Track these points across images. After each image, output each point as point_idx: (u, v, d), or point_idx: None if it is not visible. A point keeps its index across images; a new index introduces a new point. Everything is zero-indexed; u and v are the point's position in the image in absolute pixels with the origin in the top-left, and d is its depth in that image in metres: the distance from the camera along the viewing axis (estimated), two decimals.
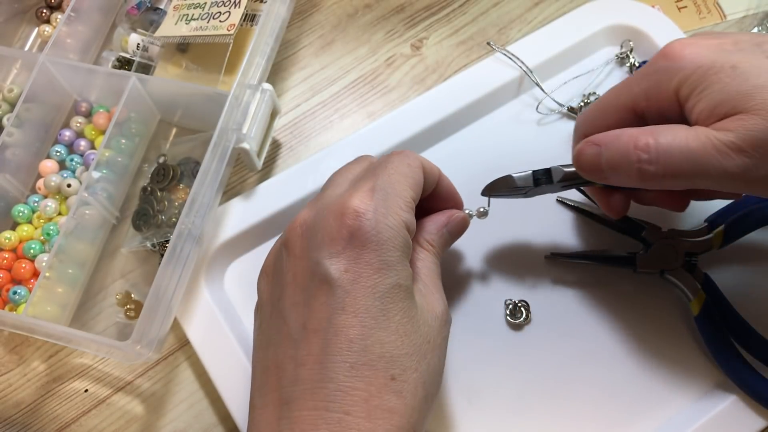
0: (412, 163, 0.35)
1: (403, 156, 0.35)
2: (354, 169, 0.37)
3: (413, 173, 0.35)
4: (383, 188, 0.33)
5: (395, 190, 0.33)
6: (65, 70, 0.47)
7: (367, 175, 0.34)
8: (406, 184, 0.34)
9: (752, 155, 0.30)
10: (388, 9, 0.55)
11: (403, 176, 0.34)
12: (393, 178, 0.34)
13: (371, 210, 0.32)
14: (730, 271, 0.44)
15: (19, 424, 0.43)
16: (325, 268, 0.31)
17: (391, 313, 0.31)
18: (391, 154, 0.36)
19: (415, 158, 0.36)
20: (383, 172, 0.34)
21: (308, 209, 0.35)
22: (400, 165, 0.35)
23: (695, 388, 0.42)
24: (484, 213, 0.40)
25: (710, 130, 0.31)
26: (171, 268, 0.40)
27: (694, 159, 0.31)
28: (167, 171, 0.45)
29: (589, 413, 0.41)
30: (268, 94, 0.45)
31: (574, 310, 0.44)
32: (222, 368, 0.41)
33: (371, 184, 0.33)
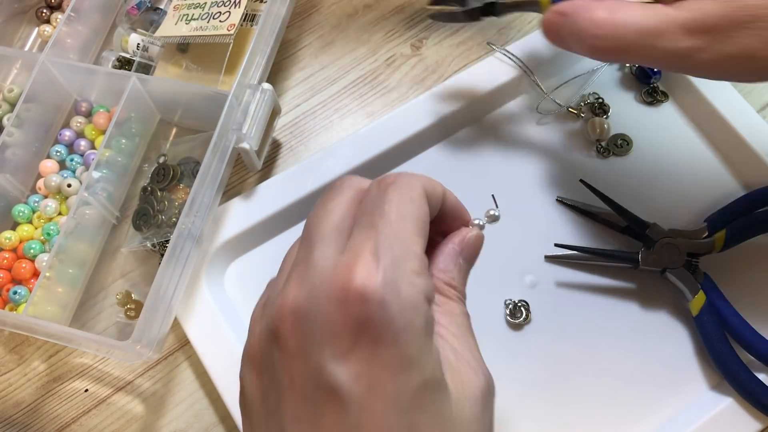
0: (414, 197, 0.27)
1: (403, 188, 0.27)
2: (340, 206, 0.28)
3: (418, 211, 0.27)
4: (389, 248, 0.25)
5: (404, 247, 0.25)
6: (65, 70, 0.47)
7: (363, 225, 0.26)
8: (414, 231, 0.26)
9: (702, 38, 0.31)
10: (388, 9, 0.55)
11: (409, 221, 0.26)
12: (397, 227, 0.26)
13: (380, 288, 0.24)
14: (730, 272, 0.44)
15: (19, 424, 0.43)
16: (331, 376, 0.24)
17: (420, 424, 0.24)
18: (387, 186, 0.27)
19: (417, 186, 0.28)
20: (384, 221, 0.26)
21: (296, 284, 0.26)
22: (402, 204, 0.27)
23: (693, 390, 0.42)
24: (495, 217, 0.36)
25: (670, 8, 0.32)
26: (171, 268, 0.40)
27: (646, 37, 0.32)
28: (167, 171, 0.45)
29: (588, 413, 0.41)
30: (268, 94, 0.45)
31: (574, 310, 0.44)
32: (222, 368, 0.41)
33: (372, 243, 0.25)
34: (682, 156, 0.48)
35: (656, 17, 0.32)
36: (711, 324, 0.40)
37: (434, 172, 0.47)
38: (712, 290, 0.41)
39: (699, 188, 0.47)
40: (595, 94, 0.50)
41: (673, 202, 0.46)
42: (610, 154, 0.48)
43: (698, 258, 0.42)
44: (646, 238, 0.43)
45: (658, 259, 0.42)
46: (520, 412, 0.41)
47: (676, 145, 0.48)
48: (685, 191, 0.47)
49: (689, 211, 0.46)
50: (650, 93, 0.49)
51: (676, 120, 0.49)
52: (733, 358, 0.40)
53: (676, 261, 0.42)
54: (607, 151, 0.48)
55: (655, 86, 0.49)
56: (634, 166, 0.48)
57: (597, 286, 0.44)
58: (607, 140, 0.48)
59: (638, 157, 0.48)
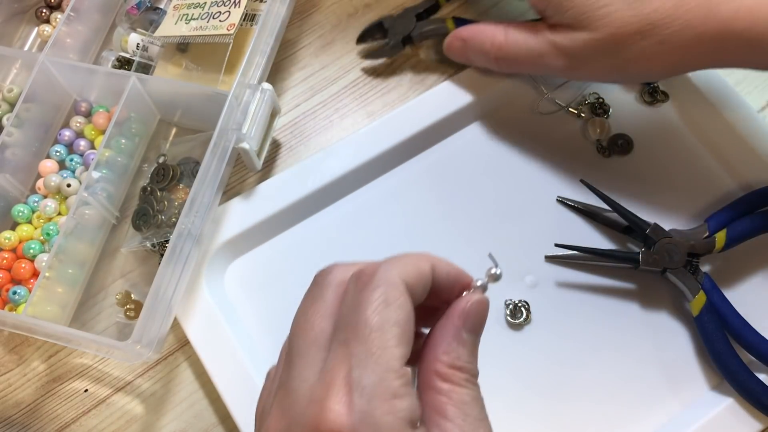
0: (392, 298, 0.25)
1: (380, 289, 0.26)
2: (320, 314, 0.27)
3: (398, 315, 0.25)
4: (364, 372, 0.24)
5: (381, 366, 0.24)
6: (65, 70, 0.47)
7: (338, 341, 0.25)
8: (394, 342, 0.25)
9: (570, 59, 0.41)
10: (388, 9, 0.55)
11: (387, 330, 0.25)
12: (373, 344, 0.24)
13: (354, 425, 0.23)
14: (731, 272, 0.44)
15: (19, 424, 0.43)
16: None
17: None
18: (363, 287, 0.26)
19: (395, 282, 0.26)
20: (358, 337, 0.25)
21: (277, 415, 0.26)
22: (378, 310, 0.25)
23: (693, 390, 0.42)
24: (497, 276, 0.29)
25: (549, 32, 0.42)
26: (171, 268, 0.39)
27: (533, 55, 0.43)
28: (167, 171, 0.45)
29: (588, 413, 0.41)
30: (268, 93, 0.45)
31: (574, 310, 0.44)
32: (222, 368, 0.41)
33: (345, 368, 0.24)
34: (682, 156, 0.48)
35: (539, 42, 0.42)
36: (711, 324, 0.40)
37: (434, 173, 0.48)
38: (713, 290, 0.41)
39: (699, 188, 0.47)
40: (595, 94, 0.50)
41: (673, 202, 0.46)
42: (610, 154, 0.48)
43: (698, 258, 0.42)
44: (646, 238, 0.43)
45: (658, 259, 0.42)
46: (520, 412, 0.41)
47: (676, 145, 0.48)
48: (685, 191, 0.47)
49: (689, 211, 0.46)
50: (650, 93, 0.49)
51: (677, 120, 0.49)
52: (734, 358, 0.40)
53: (677, 261, 0.42)
54: (607, 151, 0.48)
55: (656, 86, 0.49)
56: (634, 166, 0.48)
57: (597, 287, 0.44)
58: (607, 140, 0.48)
59: (638, 157, 0.48)
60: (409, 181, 0.48)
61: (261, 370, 0.42)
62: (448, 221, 0.46)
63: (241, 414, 0.40)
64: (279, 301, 0.45)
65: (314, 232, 0.47)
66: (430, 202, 0.47)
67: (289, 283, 0.45)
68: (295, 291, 0.45)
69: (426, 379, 0.27)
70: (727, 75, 0.48)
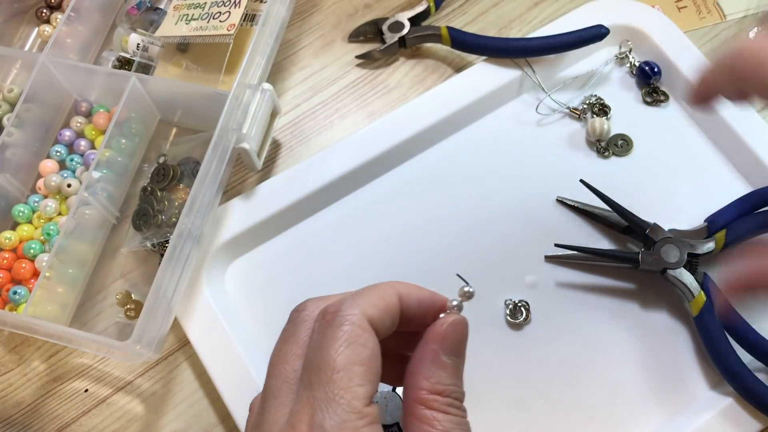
0: (354, 336, 0.25)
1: (342, 328, 0.26)
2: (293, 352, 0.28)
3: (360, 354, 0.25)
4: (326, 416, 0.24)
5: (344, 408, 0.24)
6: (65, 70, 0.47)
7: (303, 384, 0.26)
8: (357, 380, 0.25)
9: None
10: (388, 9, 0.55)
11: (350, 369, 0.25)
12: (335, 386, 0.24)
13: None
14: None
15: (19, 424, 0.43)
16: None
17: None
18: (326, 327, 0.26)
19: (357, 319, 0.26)
20: (321, 380, 0.25)
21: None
22: (340, 351, 0.25)
23: (693, 390, 0.42)
24: (470, 294, 0.29)
25: None
26: (171, 268, 0.40)
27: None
28: (167, 171, 0.45)
29: (588, 413, 0.41)
30: (268, 94, 0.45)
31: (574, 310, 0.44)
32: (222, 368, 0.41)
33: (309, 412, 0.24)
34: (682, 156, 0.48)
35: None
36: (711, 324, 0.40)
37: (434, 173, 0.48)
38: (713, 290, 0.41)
39: (699, 188, 0.47)
40: (595, 95, 0.50)
41: (673, 202, 0.46)
42: (610, 154, 0.48)
43: (698, 258, 0.42)
44: (646, 239, 0.43)
45: (658, 260, 0.42)
46: (520, 411, 0.41)
47: (677, 145, 0.48)
48: (685, 191, 0.47)
49: (689, 211, 0.46)
50: (650, 93, 0.49)
51: (677, 120, 0.49)
52: (734, 358, 0.40)
53: (677, 261, 0.42)
54: (608, 151, 0.48)
55: (656, 86, 0.49)
56: (635, 166, 0.48)
57: (597, 287, 0.44)
58: (607, 140, 0.48)
59: (638, 157, 0.48)
60: (409, 181, 0.48)
61: (261, 370, 0.42)
62: (448, 221, 0.46)
63: (241, 414, 0.40)
64: (279, 301, 0.45)
65: (314, 232, 0.47)
66: (430, 202, 0.47)
67: (289, 283, 0.45)
68: (295, 291, 0.45)
69: (408, 408, 0.26)
70: None
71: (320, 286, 0.45)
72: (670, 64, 0.49)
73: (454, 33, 0.50)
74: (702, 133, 0.48)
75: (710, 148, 0.48)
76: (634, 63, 0.50)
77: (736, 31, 0.53)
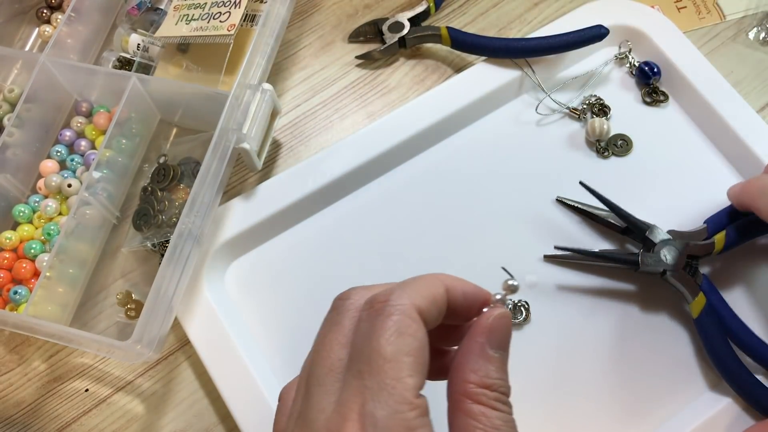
0: (405, 327, 0.25)
1: (392, 318, 0.25)
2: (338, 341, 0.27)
3: (410, 345, 0.25)
4: (377, 406, 0.24)
5: (395, 398, 0.24)
6: (66, 71, 0.47)
7: (352, 373, 0.25)
8: (407, 371, 0.24)
9: None
10: (388, 9, 0.55)
11: (401, 360, 0.24)
12: (386, 375, 0.24)
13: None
14: (729, 274, 0.44)
15: (19, 424, 0.43)
16: None
17: None
18: (376, 316, 0.26)
19: (408, 309, 0.26)
20: (371, 369, 0.24)
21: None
22: (391, 340, 0.25)
23: (691, 391, 0.42)
24: (515, 288, 0.29)
25: None
26: (171, 268, 0.40)
27: None
28: (168, 171, 0.45)
29: (587, 413, 0.41)
30: (268, 94, 0.45)
31: (573, 310, 0.44)
32: (222, 368, 0.41)
33: (359, 401, 0.24)
34: (682, 156, 0.48)
35: None
36: (711, 326, 0.40)
37: (434, 173, 0.48)
38: (711, 292, 0.41)
39: (699, 188, 0.47)
40: (595, 95, 0.50)
41: (673, 203, 0.46)
42: (610, 154, 0.48)
43: (698, 260, 0.42)
44: (645, 240, 0.43)
45: (657, 261, 0.42)
46: (520, 411, 0.41)
47: (676, 145, 0.48)
48: (684, 191, 0.47)
49: (689, 211, 0.46)
50: (650, 93, 0.49)
51: (676, 120, 0.49)
52: (734, 360, 0.40)
53: (676, 263, 0.42)
54: (607, 151, 0.48)
55: (655, 87, 0.49)
56: (634, 166, 0.48)
57: (596, 287, 0.44)
58: (607, 140, 0.48)
59: (638, 157, 0.48)
60: (409, 182, 0.48)
61: (261, 369, 0.42)
62: (449, 221, 0.47)
63: (241, 413, 0.40)
64: (279, 301, 0.45)
65: (314, 232, 0.47)
66: (430, 202, 0.47)
67: (289, 283, 0.45)
68: (295, 291, 0.45)
69: (455, 402, 0.26)
70: (727, 75, 0.48)
71: (320, 285, 0.45)
72: (670, 65, 0.49)
73: (454, 33, 0.50)
74: (701, 133, 0.48)
75: (710, 148, 0.48)
76: (634, 63, 0.50)
77: (736, 31, 0.53)
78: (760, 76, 0.51)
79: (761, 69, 0.51)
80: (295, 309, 0.45)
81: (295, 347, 0.44)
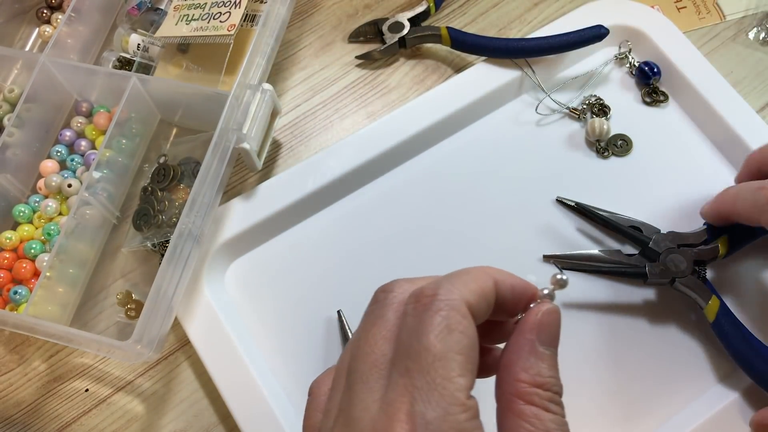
0: (455, 323, 0.24)
1: (441, 313, 0.24)
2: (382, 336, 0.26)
3: (461, 342, 0.24)
4: (426, 406, 0.23)
5: (445, 398, 0.23)
6: (66, 71, 0.47)
7: (399, 371, 0.24)
8: (458, 370, 0.23)
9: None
10: (388, 9, 0.55)
11: (451, 358, 0.23)
12: (436, 374, 0.23)
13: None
14: (732, 278, 0.44)
15: (19, 424, 0.43)
16: None
17: None
18: (424, 311, 0.24)
19: (458, 305, 0.24)
20: (420, 367, 0.23)
21: None
22: (440, 337, 0.24)
23: (689, 392, 0.42)
24: (563, 282, 0.28)
25: None
26: (171, 268, 0.40)
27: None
28: (168, 171, 0.45)
29: (587, 413, 0.41)
30: (268, 94, 0.45)
31: (574, 309, 0.44)
32: (222, 368, 0.41)
33: (407, 401, 0.23)
34: (682, 156, 0.48)
35: None
36: (729, 327, 0.40)
37: (434, 172, 0.48)
38: None
39: (699, 188, 0.47)
40: (595, 95, 0.50)
41: (673, 203, 0.46)
42: (610, 154, 0.48)
43: (705, 265, 0.42)
44: (649, 250, 0.43)
45: (665, 271, 0.42)
46: None
47: (676, 145, 0.48)
48: (685, 191, 0.47)
49: (689, 212, 0.46)
50: (650, 93, 0.49)
51: (676, 120, 0.49)
52: (759, 357, 0.39)
53: (684, 270, 0.41)
54: (607, 151, 0.48)
55: (655, 87, 0.49)
56: (634, 166, 0.48)
57: (599, 287, 0.44)
58: (606, 140, 0.48)
59: (638, 157, 0.48)
60: (409, 182, 0.48)
61: (261, 369, 0.42)
62: (449, 221, 0.47)
63: (242, 413, 0.40)
64: (279, 300, 0.45)
65: (314, 232, 0.47)
66: (430, 202, 0.47)
67: (289, 283, 0.45)
68: (295, 291, 0.45)
69: (506, 403, 0.25)
70: (727, 75, 0.48)
71: (320, 285, 0.45)
72: (670, 65, 0.49)
73: (454, 33, 0.50)
74: (701, 133, 0.48)
75: (710, 148, 0.48)
76: (634, 63, 0.50)
77: (736, 31, 0.53)
78: (760, 76, 0.51)
79: (761, 69, 0.51)
80: (294, 309, 0.45)
81: (294, 347, 0.44)
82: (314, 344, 0.44)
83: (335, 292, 0.45)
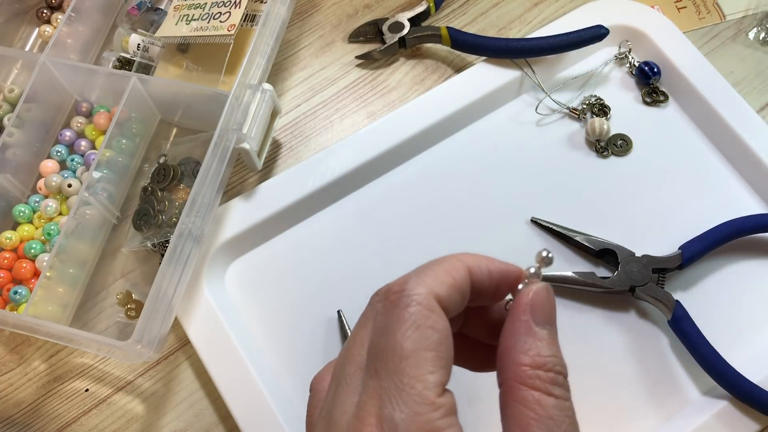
0: (422, 319, 0.23)
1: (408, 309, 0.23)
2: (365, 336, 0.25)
3: (432, 337, 0.23)
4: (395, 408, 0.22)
5: (414, 402, 0.22)
6: (66, 71, 0.47)
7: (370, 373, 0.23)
8: (429, 370, 0.22)
9: None
10: (388, 9, 0.55)
11: (420, 355, 0.23)
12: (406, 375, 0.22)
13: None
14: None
15: (20, 424, 0.44)
16: None
17: None
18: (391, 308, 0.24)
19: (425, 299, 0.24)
20: (388, 368, 0.23)
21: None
22: (407, 335, 0.23)
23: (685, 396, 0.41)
24: (548, 260, 0.26)
25: None
26: (171, 268, 0.40)
27: None
28: (168, 171, 0.45)
29: (588, 413, 0.41)
30: (268, 94, 0.45)
31: (567, 314, 0.44)
32: (222, 368, 0.41)
33: (376, 404, 0.22)
34: (681, 156, 0.48)
35: None
36: (688, 327, 0.41)
37: (434, 173, 0.48)
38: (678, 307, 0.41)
39: (699, 188, 0.47)
40: (595, 95, 0.50)
41: (673, 202, 0.46)
42: (609, 154, 0.48)
43: (665, 273, 0.43)
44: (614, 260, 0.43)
45: (623, 280, 0.42)
46: None
47: (676, 145, 0.48)
48: (684, 191, 0.47)
49: (689, 212, 0.46)
50: (650, 93, 0.49)
51: (676, 120, 0.49)
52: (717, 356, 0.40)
53: (642, 278, 0.42)
54: (607, 151, 0.48)
55: (655, 86, 0.49)
56: (634, 166, 0.48)
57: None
58: (606, 140, 0.48)
59: (638, 157, 0.48)
60: (409, 182, 0.48)
61: (261, 369, 0.42)
62: (448, 220, 0.47)
63: (241, 413, 0.40)
64: (279, 301, 0.45)
65: (314, 232, 0.47)
66: (430, 201, 0.47)
67: (289, 283, 0.45)
68: (295, 291, 0.45)
69: (507, 389, 0.24)
70: (727, 75, 0.48)
71: (320, 285, 0.45)
72: (670, 65, 0.49)
73: (454, 33, 0.50)
74: (701, 133, 0.48)
75: (710, 148, 0.48)
76: (634, 63, 0.50)
77: (736, 31, 0.53)
78: (760, 76, 0.51)
79: (761, 69, 0.51)
80: (294, 309, 0.45)
81: (295, 347, 0.44)
82: (314, 344, 0.44)
83: (335, 292, 0.45)
